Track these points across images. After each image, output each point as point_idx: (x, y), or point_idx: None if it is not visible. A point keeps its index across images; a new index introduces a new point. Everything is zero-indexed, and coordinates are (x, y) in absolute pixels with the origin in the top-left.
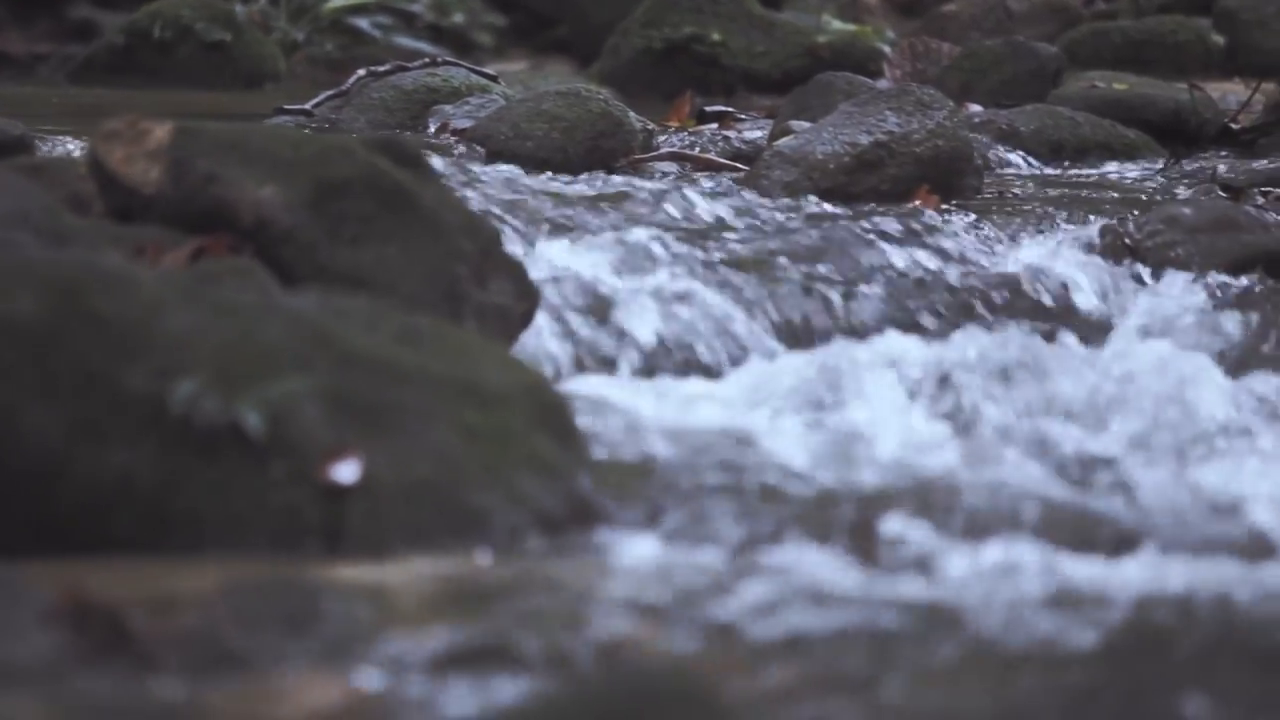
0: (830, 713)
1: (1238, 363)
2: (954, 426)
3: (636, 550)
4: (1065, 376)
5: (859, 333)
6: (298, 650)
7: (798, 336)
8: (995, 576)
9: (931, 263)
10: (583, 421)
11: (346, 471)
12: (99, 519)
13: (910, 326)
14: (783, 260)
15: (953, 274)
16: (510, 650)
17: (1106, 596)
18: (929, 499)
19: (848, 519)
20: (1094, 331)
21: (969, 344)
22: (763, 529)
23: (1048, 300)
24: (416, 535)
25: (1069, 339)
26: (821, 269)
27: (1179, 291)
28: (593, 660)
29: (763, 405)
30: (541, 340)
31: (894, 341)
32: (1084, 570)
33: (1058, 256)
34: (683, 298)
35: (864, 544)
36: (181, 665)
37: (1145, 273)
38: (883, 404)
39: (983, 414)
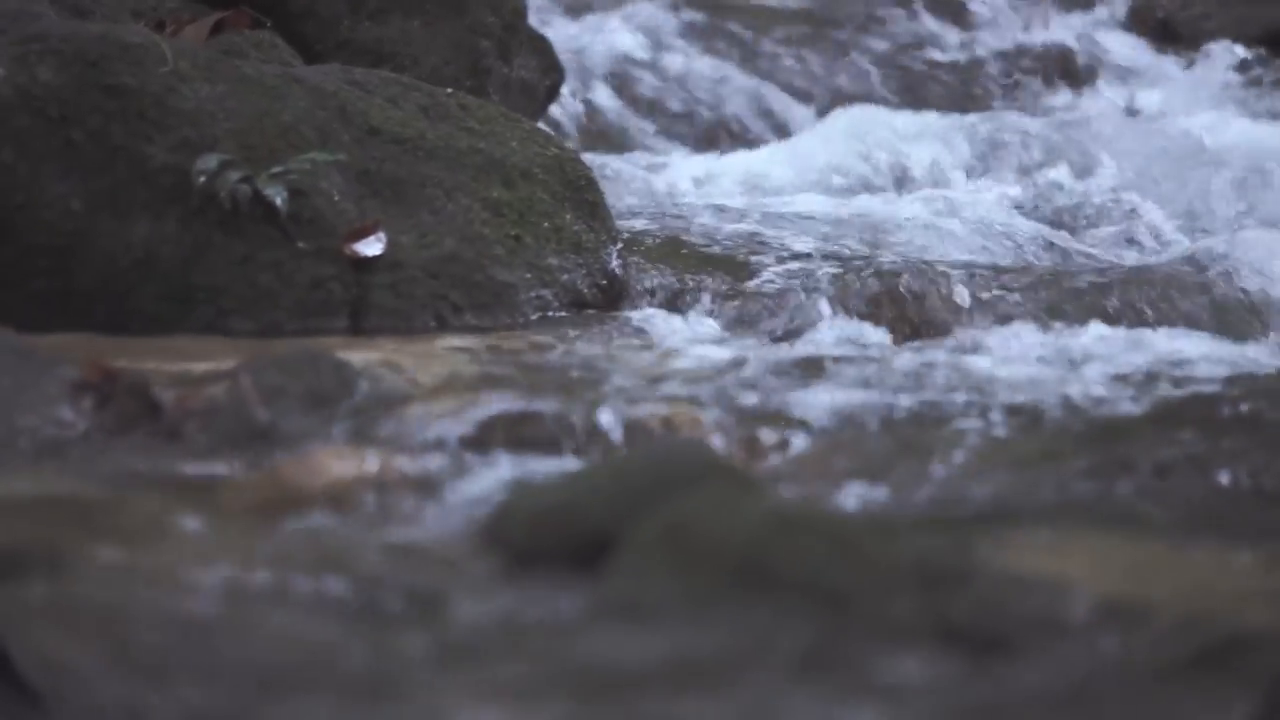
0: (855, 488)
1: (1268, 132)
2: (985, 195)
3: (664, 328)
4: (1096, 147)
5: (888, 105)
6: (326, 425)
7: (826, 110)
8: (1015, 346)
9: (962, 38)
10: (610, 197)
11: (371, 245)
12: (121, 294)
13: (941, 100)
14: (810, 35)
15: (983, 50)
16: (541, 425)
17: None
18: (951, 274)
19: (878, 294)
20: (1126, 103)
21: (1000, 119)
22: (792, 307)
23: (1080, 74)
24: (442, 310)
25: (1101, 111)
26: (850, 43)
27: (1211, 62)
28: (623, 436)
29: (794, 180)
30: (567, 115)
31: (925, 116)
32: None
33: (1089, 29)
34: (711, 73)
35: (894, 318)
36: (210, 439)
37: (1177, 45)
38: (918, 175)
39: (1016, 182)
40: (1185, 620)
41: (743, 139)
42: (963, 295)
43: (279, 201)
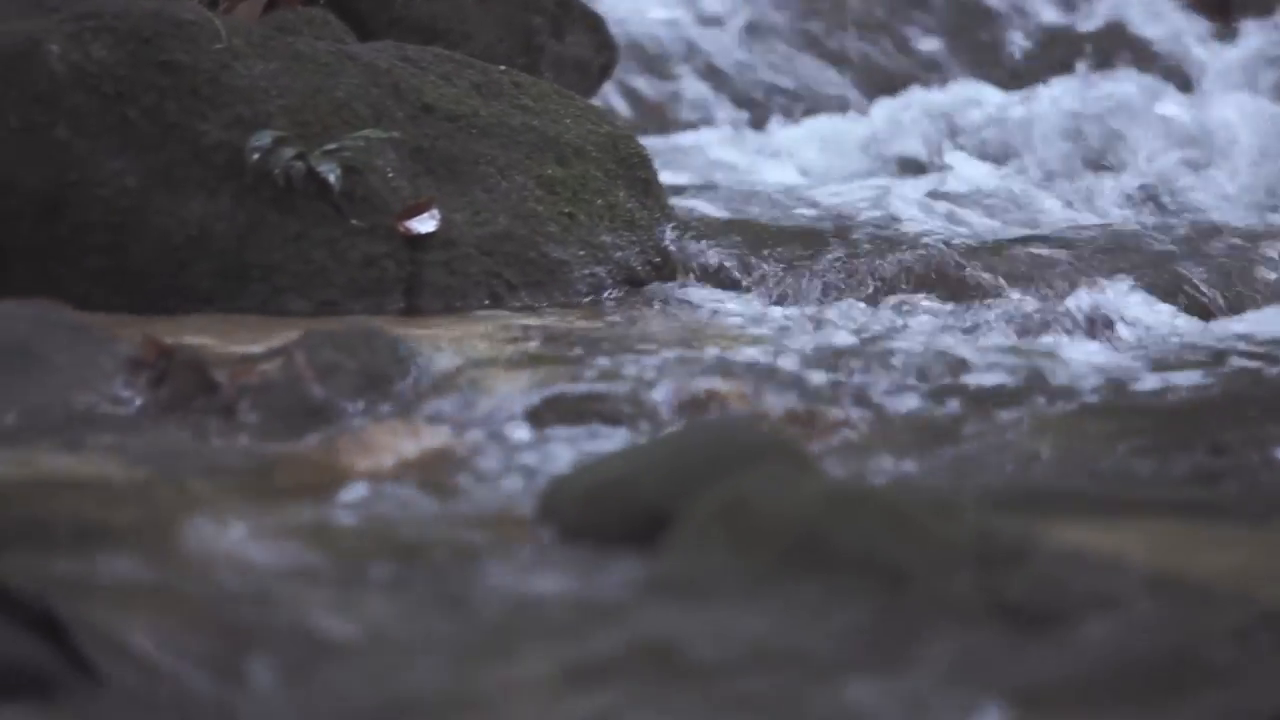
0: (910, 466)
1: None
2: (1041, 174)
3: (718, 305)
4: (1152, 125)
5: (935, 82)
6: (381, 402)
7: (881, 87)
8: (1072, 325)
9: (1015, 14)
10: (663, 174)
11: (425, 223)
12: (176, 271)
13: (988, 76)
14: (863, 11)
15: (1032, 24)
16: (595, 402)
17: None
18: (1007, 253)
19: (933, 272)
20: (1181, 80)
21: (1051, 94)
22: (848, 285)
23: (1134, 51)
24: (496, 288)
25: (1155, 88)
26: (900, 19)
27: (1266, 39)
28: (678, 413)
29: (849, 157)
30: (621, 92)
31: (971, 90)
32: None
33: (1147, 5)
34: (766, 49)
35: (949, 297)
36: (264, 416)
37: (1240, 22)
38: (972, 154)
39: (1057, 165)
40: (1239, 597)
41: (797, 116)
42: (1019, 273)
43: (332, 179)
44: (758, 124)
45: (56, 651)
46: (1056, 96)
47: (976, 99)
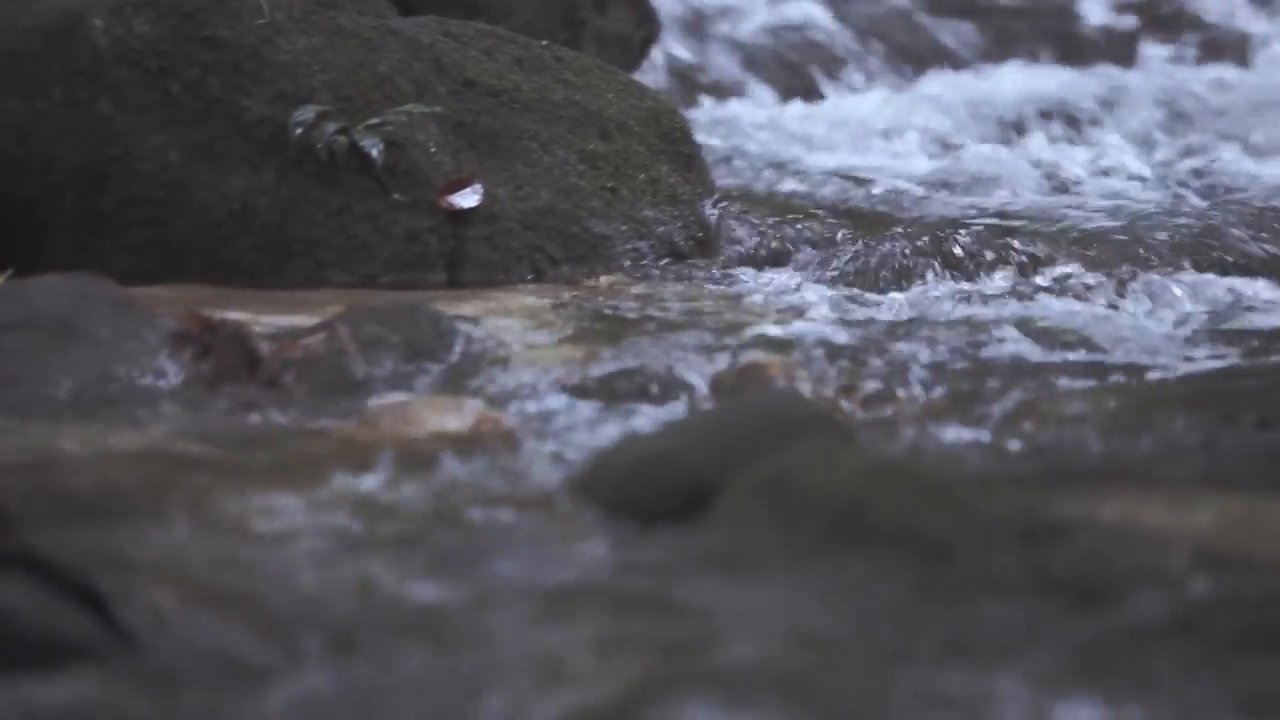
0: (952, 441)
1: None
2: (1072, 157)
3: (760, 279)
4: (1212, 101)
5: (987, 61)
6: (423, 376)
7: (927, 62)
8: (1121, 301)
9: None
10: (706, 149)
11: (467, 198)
12: (219, 245)
13: (1048, 56)
14: None
15: (1093, 3)
16: (637, 377)
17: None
18: (1051, 228)
19: (973, 248)
20: (1234, 55)
21: (1119, 75)
22: (891, 261)
23: (1188, 24)
24: (539, 262)
25: (1207, 61)
26: None
27: None
28: (720, 387)
29: (892, 134)
30: (662, 66)
31: (1030, 72)
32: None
33: None
34: (809, 24)
35: (990, 272)
36: (307, 389)
37: None
38: (1020, 131)
39: (1099, 139)
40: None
41: (839, 91)
42: (1072, 249)
43: (375, 153)
44: (807, 98)
45: (98, 622)
46: (1124, 77)
47: (1036, 79)
